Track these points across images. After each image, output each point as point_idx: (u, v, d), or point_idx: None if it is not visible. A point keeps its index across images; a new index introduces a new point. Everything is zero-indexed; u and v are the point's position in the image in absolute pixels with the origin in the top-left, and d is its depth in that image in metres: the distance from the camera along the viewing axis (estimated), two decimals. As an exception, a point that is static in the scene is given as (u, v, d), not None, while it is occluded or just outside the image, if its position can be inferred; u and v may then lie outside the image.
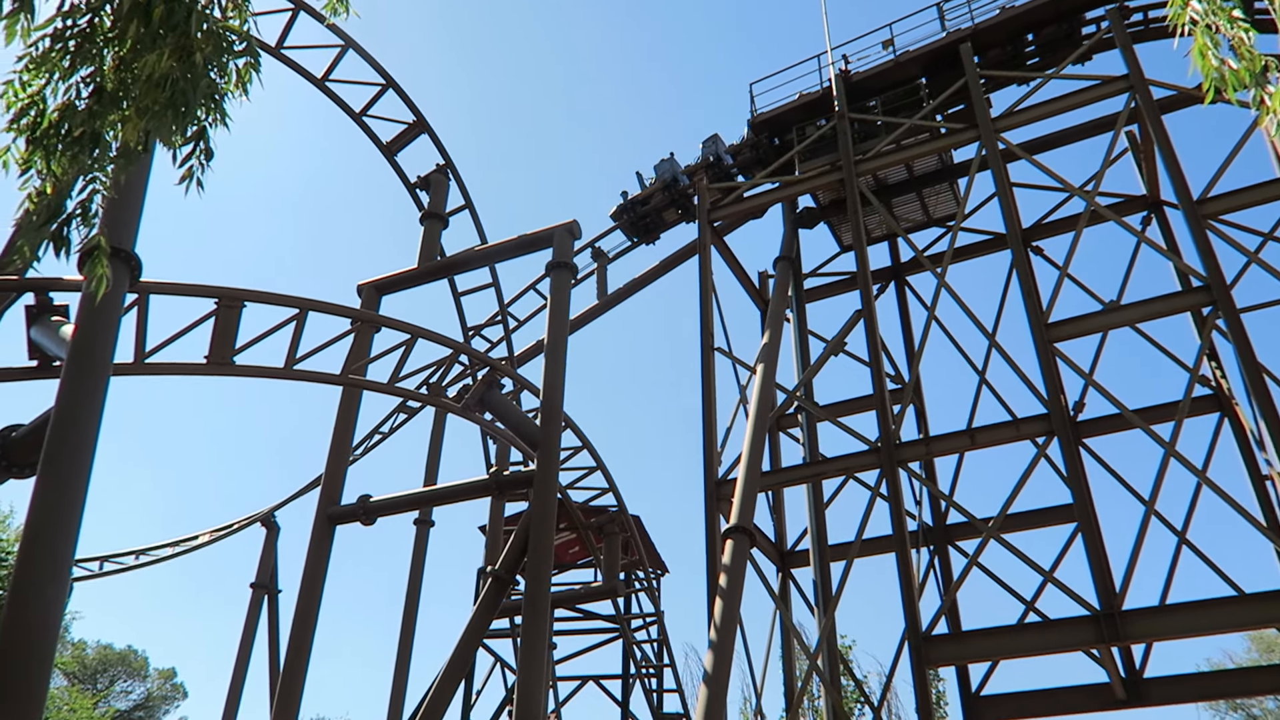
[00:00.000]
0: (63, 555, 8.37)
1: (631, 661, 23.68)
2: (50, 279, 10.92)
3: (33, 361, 10.89)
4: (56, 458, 8.64)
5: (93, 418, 8.99)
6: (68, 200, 4.07)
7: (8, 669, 7.63)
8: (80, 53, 4.06)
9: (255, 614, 22.73)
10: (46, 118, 4.07)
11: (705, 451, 16.42)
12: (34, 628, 7.86)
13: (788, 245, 19.05)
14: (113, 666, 47.46)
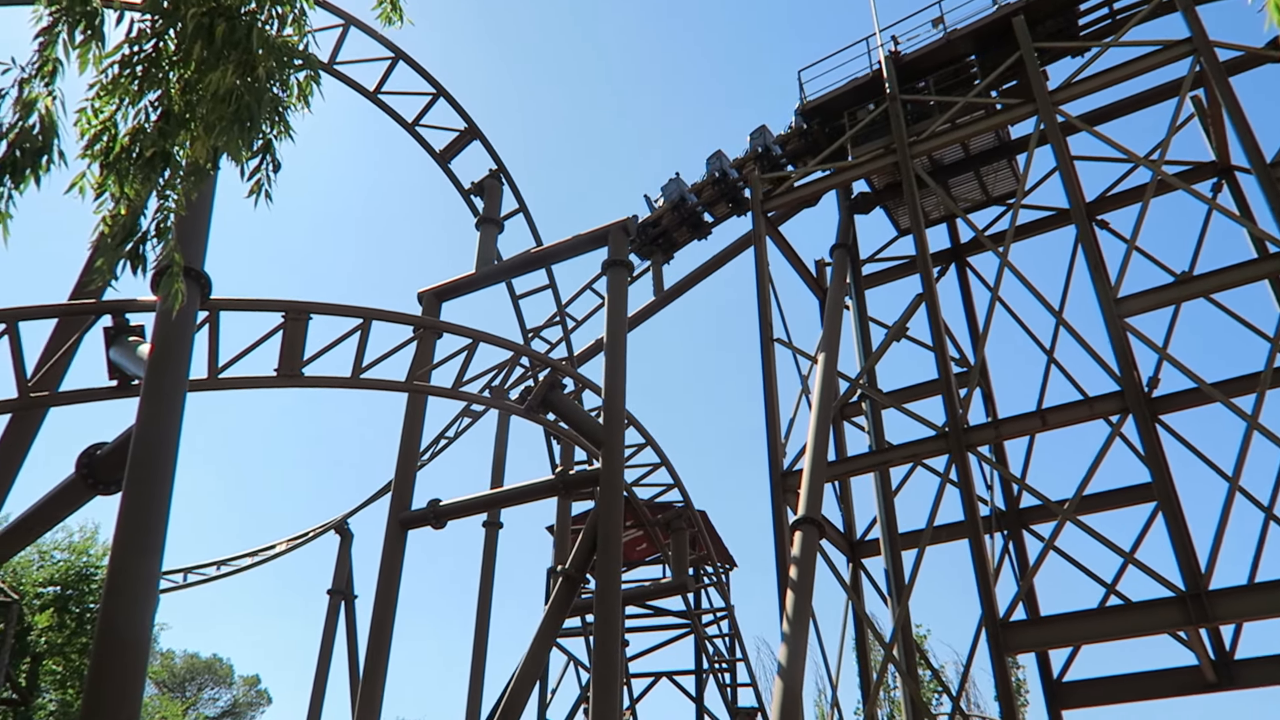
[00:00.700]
0: (150, 568, 8.65)
1: (704, 657, 23.65)
2: (125, 301, 11.28)
3: (113, 381, 11.24)
4: (140, 473, 8.93)
5: (172, 433, 9.27)
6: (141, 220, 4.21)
7: (105, 679, 7.92)
8: (147, 77, 4.19)
9: (334, 619, 23.22)
10: (118, 142, 4.21)
11: (769, 444, 16.33)
12: (127, 639, 8.13)
13: (844, 232, 18.84)
14: (200, 674, 48.94)
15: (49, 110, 4.02)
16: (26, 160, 3.88)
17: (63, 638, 19.62)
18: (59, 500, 11.64)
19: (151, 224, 4.14)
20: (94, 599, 20.44)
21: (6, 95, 3.98)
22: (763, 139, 21.58)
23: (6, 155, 3.88)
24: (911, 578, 14.52)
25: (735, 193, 22.18)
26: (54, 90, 4.02)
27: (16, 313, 10.42)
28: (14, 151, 3.88)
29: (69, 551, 20.82)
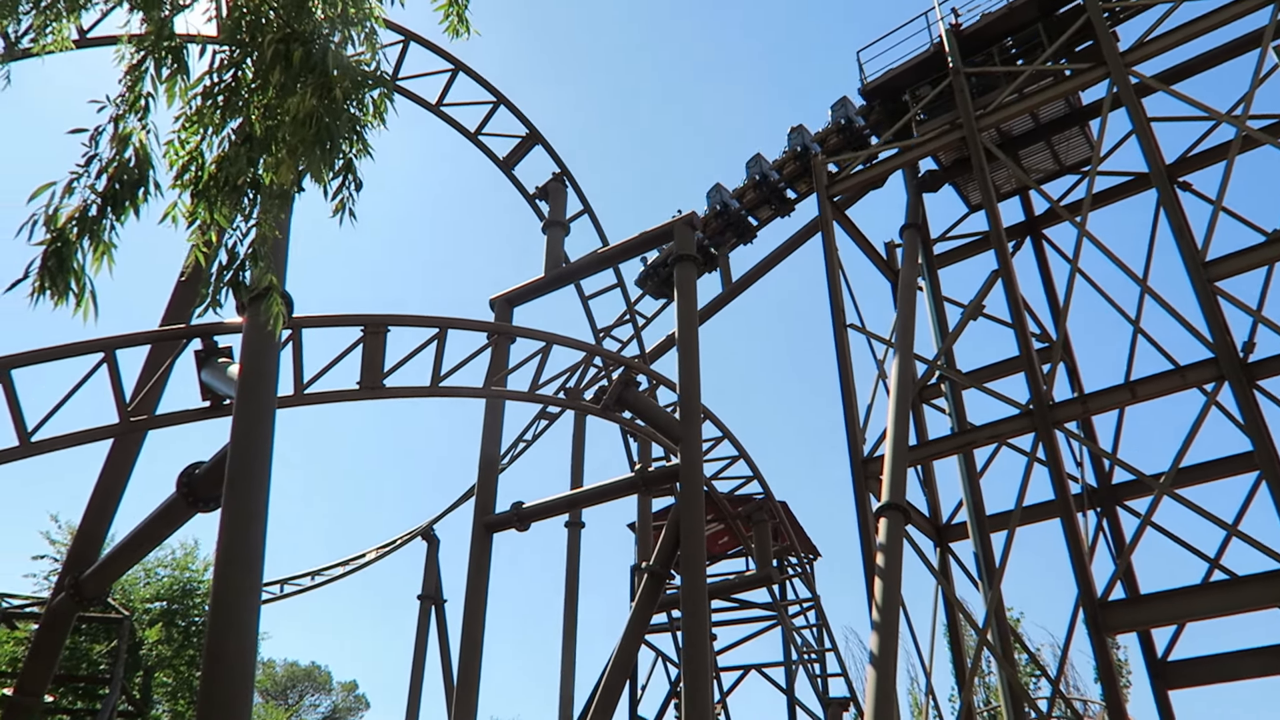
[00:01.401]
0: (253, 582, 8.96)
1: (792, 648, 23.52)
2: (213, 324, 11.68)
3: (205, 402, 11.65)
4: (237, 489, 9.25)
5: (265, 449, 9.57)
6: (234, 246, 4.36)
7: (216, 689, 8.23)
8: (229, 105, 4.34)
9: (425, 624, 23.71)
10: (206, 170, 4.37)
11: (848, 431, 16.14)
12: (235, 651, 8.43)
13: (913, 212, 18.52)
14: (300, 682, 50.42)
15: (143, 144, 4.19)
16: (125, 193, 4.06)
17: (171, 650, 20.39)
18: (162, 519, 12.11)
19: (246, 249, 4.29)
20: (198, 612, 21.19)
21: (104, 131, 4.17)
22: (845, 110, 21.34)
23: (107, 188, 4.06)
24: (1002, 560, 14.20)
25: (779, 194, 22.16)
26: (147, 124, 4.20)
27: (113, 341, 10.87)
28: (113, 185, 4.06)
29: (172, 568, 21.63)
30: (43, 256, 3.96)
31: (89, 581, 13.22)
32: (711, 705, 13.60)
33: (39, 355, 10.67)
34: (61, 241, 3.95)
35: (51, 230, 3.97)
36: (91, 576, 13.15)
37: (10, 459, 10.44)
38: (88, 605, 13.87)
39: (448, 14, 4.60)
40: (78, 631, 17.28)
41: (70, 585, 13.25)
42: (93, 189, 4.09)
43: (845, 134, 20.94)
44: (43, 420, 10.56)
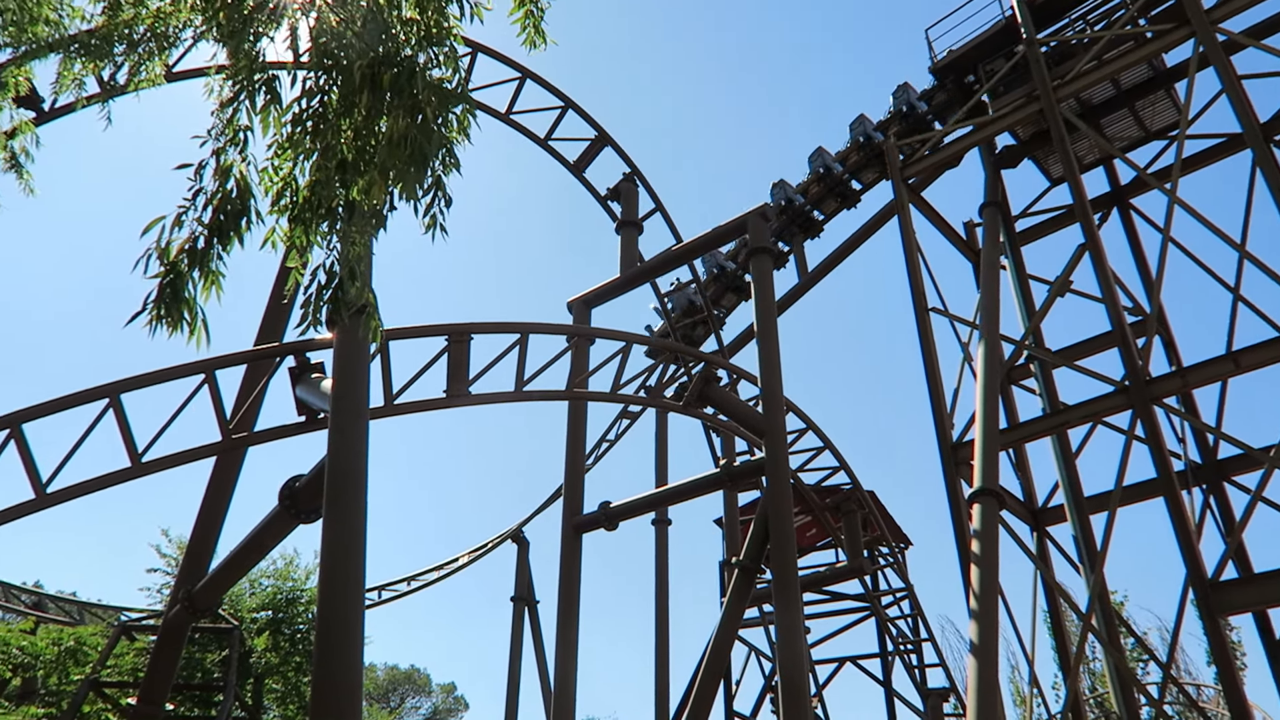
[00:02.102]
0: (356, 589, 9.22)
1: (887, 639, 23.18)
2: (305, 341, 12.04)
3: (301, 417, 12.03)
4: (336, 500, 9.52)
5: (361, 460, 9.84)
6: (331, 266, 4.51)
7: (329, 696, 8.50)
8: (317, 131, 4.49)
9: (519, 625, 24.06)
10: (300, 195, 4.53)
11: (935, 416, 15.86)
12: (343, 658, 8.68)
13: (991, 189, 18.07)
14: (401, 685, 51.70)
15: (243, 175, 4.37)
16: (230, 223, 4.25)
17: (279, 658, 21.08)
18: (267, 531, 12.54)
19: (343, 268, 4.44)
20: (302, 620, 21.87)
21: (206, 165, 4.36)
22: (906, 96, 21.11)
23: (213, 220, 4.25)
24: (1104, 543, 13.80)
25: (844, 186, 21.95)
26: (246, 155, 4.37)
27: (213, 362, 11.30)
28: (218, 216, 4.25)
29: (275, 578, 22.37)
30: (158, 289, 4.16)
31: (201, 594, 13.77)
32: (809, 699, 13.52)
33: (144, 379, 11.15)
34: (174, 274, 4.15)
35: (164, 263, 4.17)
36: (203, 589, 13.70)
37: (124, 479, 10.93)
38: (201, 616, 14.47)
39: (524, 27, 4.67)
40: (192, 642, 18.00)
41: (184, 598, 13.83)
42: (199, 221, 4.29)
43: (908, 120, 20.62)
44: (151, 441, 11.03)
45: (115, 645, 17.12)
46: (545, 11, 4.72)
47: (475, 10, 4.65)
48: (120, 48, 6.64)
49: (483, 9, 4.65)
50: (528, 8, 4.67)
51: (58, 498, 10.56)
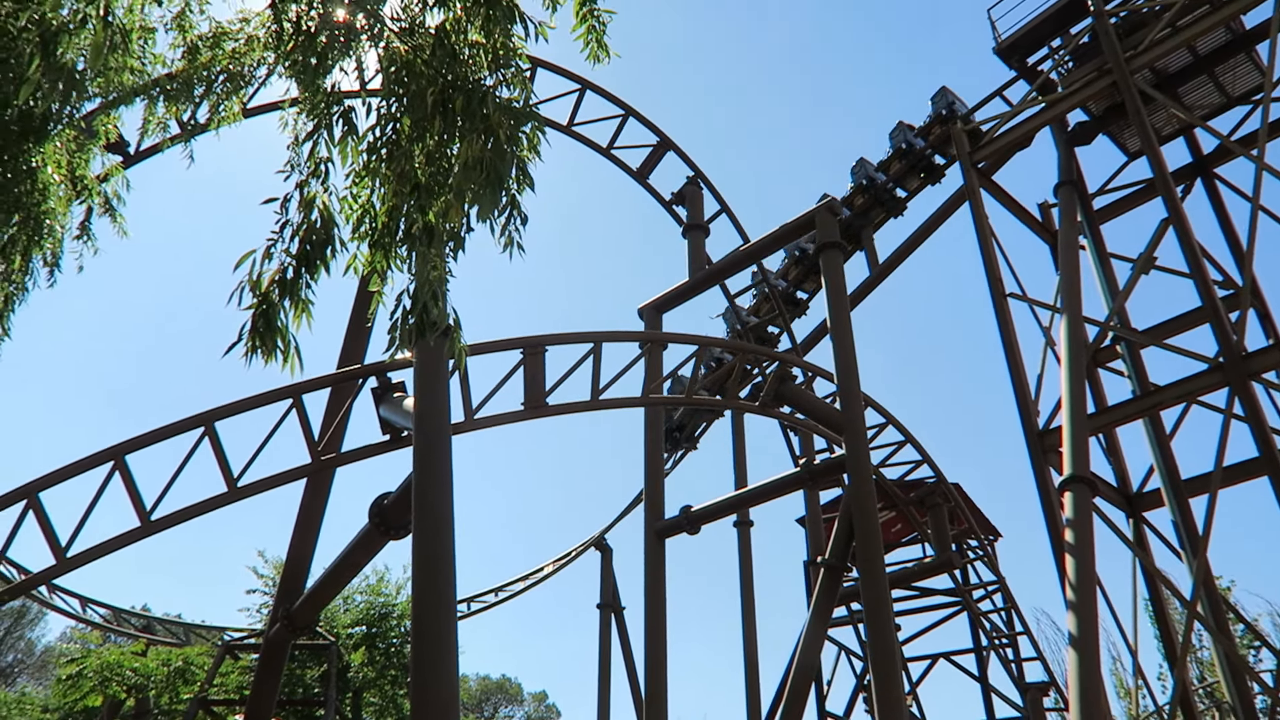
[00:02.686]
0: (447, 602, 9.40)
1: (981, 633, 22.68)
2: (385, 362, 12.32)
3: (386, 436, 12.30)
4: (424, 516, 9.72)
5: (446, 475, 10.02)
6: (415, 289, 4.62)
7: (427, 708, 8.67)
8: (393, 157, 4.60)
9: (607, 632, 24.16)
10: (379, 220, 4.65)
11: (1019, 404, 15.47)
12: (440, 671, 8.85)
13: (1066, 168, 17.57)
14: (493, 695, 52.40)
15: (325, 205, 4.52)
16: (316, 252, 4.39)
17: (375, 672, 21.59)
18: (359, 549, 12.87)
19: (424, 291, 4.54)
20: (395, 634, 22.36)
21: (291, 198, 4.52)
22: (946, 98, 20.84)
23: (300, 250, 4.40)
24: (1205, 526, 13.28)
25: (926, 161, 21.64)
26: (328, 186, 4.52)
27: (300, 387, 11.64)
28: (304, 246, 4.40)
29: (367, 593, 22.92)
30: (252, 319, 4.32)
31: (299, 612, 14.19)
32: (902, 697, 13.29)
33: (236, 407, 11.54)
34: (266, 304, 4.30)
35: (256, 295, 4.33)
36: (301, 607, 14.11)
37: (221, 504, 11.31)
38: (300, 634, 14.91)
39: (587, 42, 4.73)
40: (292, 659, 18.55)
41: (283, 616, 14.26)
42: (287, 252, 4.44)
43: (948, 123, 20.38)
44: (245, 466, 11.40)
45: (220, 664, 17.74)
46: (606, 26, 4.76)
47: (540, 30, 4.72)
48: (199, 89, 6.91)
49: (546, 28, 4.72)
50: (590, 23, 4.72)
51: (161, 525, 10.98)
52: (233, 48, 6.81)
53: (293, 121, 5.14)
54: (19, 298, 7.23)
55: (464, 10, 4.58)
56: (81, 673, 19.69)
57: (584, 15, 4.71)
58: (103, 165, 8.04)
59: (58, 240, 7.11)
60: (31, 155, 6.11)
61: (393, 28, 4.81)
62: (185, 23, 6.49)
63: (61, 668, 21.52)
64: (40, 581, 12.21)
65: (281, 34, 4.99)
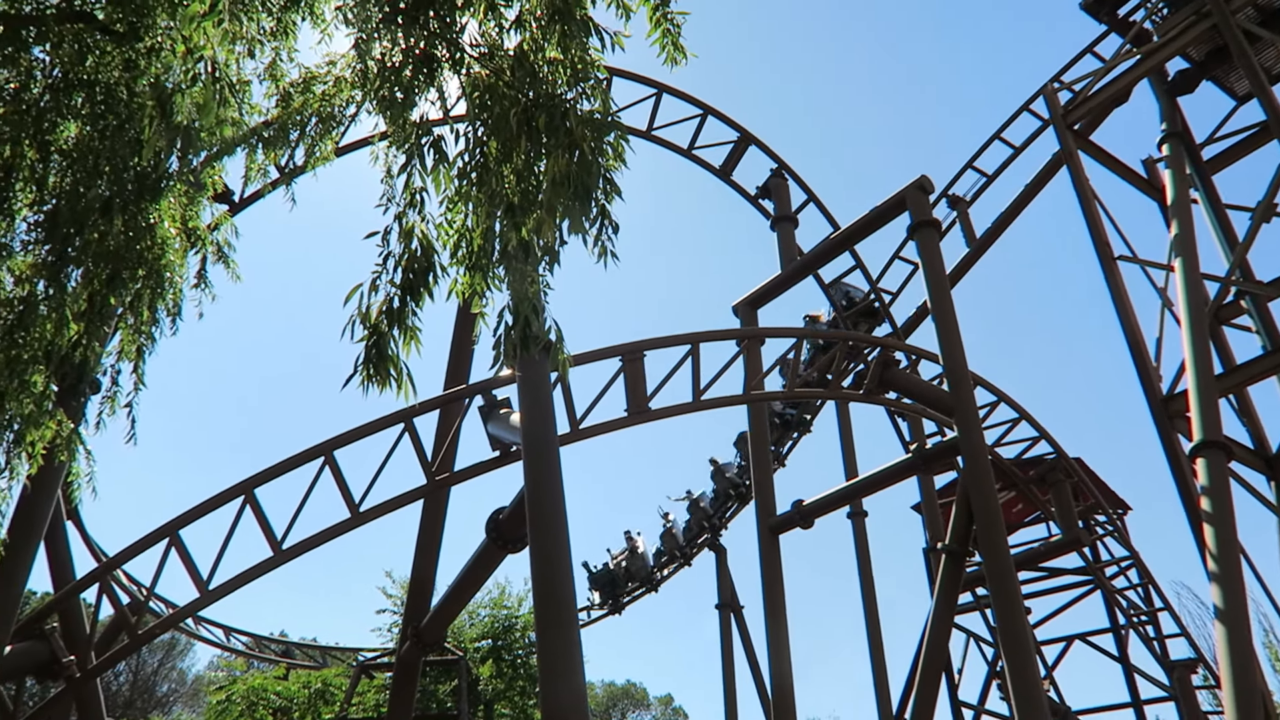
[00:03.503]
0: (569, 612, 9.53)
1: (1117, 612, 21.76)
2: (490, 380, 12.59)
3: (495, 452, 12.57)
4: (540, 529, 9.88)
5: (557, 486, 10.18)
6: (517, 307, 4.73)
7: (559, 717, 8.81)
8: (482, 180, 4.71)
9: (728, 632, 24.10)
10: (475, 243, 4.78)
11: (1139, 371, 14.82)
12: (567, 681, 8.99)
13: (1169, 119, 16.75)
14: (620, 700, 52.85)
15: (424, 234, 4.66)
16: (419, 280, 4.54)
17: (503, 684, 22.03)
18: (479, 564, 13.16)
19: (525, 308, 4.65)
20: (519, 645, 22.77)
21: (391, 230, 4.68)
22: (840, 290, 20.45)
23: (404, 280, 4.56)
24: (1360, 483, 12.46)
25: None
26: (424, 215, 4.66)
27: (410, 411, 11.98)
28: (408, 275, 4.55)
29: (491, 607, 23.42)
30: (365, 350, 4.49)
31: (427, 629, 14.59)
32: (1039, 681, 12.86)
33: (353, 435, 11.96)
34: (377, 335, 4.46)
35: (367, 326, 4.50)
36: (429, 624, 14.51)
37: (346, 530, 11.73)
38: (429, 650, 15.34)
39: (663, 46, 4.75)
40: (424, 675, 19.08)
41: (413, 634, 14.69)
42: (392, 283, 4.60)
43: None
44: (366, 491, 11.80)
45: (357, 684, 18.39)
46: (681, 28, 4.78)
47: (616, 39, 4.76)
48: (294, 134, 7.21)
49: (621, 37, 4.76)
50: (664, 26, 4.74)
51: (292, 553, 11.45)
52: (322, 91, 7.08)
53: (383, 155, 5.31)
54: (149, 348, 7.65)
55: (540, 29, 4.66)
56: (230, 698, 20.70)
57: (657, 20, 4.73)
58: (211, 215, 8.46)
59: (178, 290, 7.50)
60: (149, 212, 6.46)
61: (472, 54, 4.93)
62: (277, 71, 6.79)
63: (211, 695, 22.70)
64: (188, 614, 12.86)
65: (367, 72, 5.16)
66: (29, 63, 5.43)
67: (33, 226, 6.03)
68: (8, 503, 6.73)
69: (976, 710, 19.45)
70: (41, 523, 11.18)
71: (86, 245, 6.43)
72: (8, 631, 10.59)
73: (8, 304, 5.98)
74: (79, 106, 6.29)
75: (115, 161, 6.13)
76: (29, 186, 5.80)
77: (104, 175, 6.36)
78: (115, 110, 5.95)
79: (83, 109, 6.27)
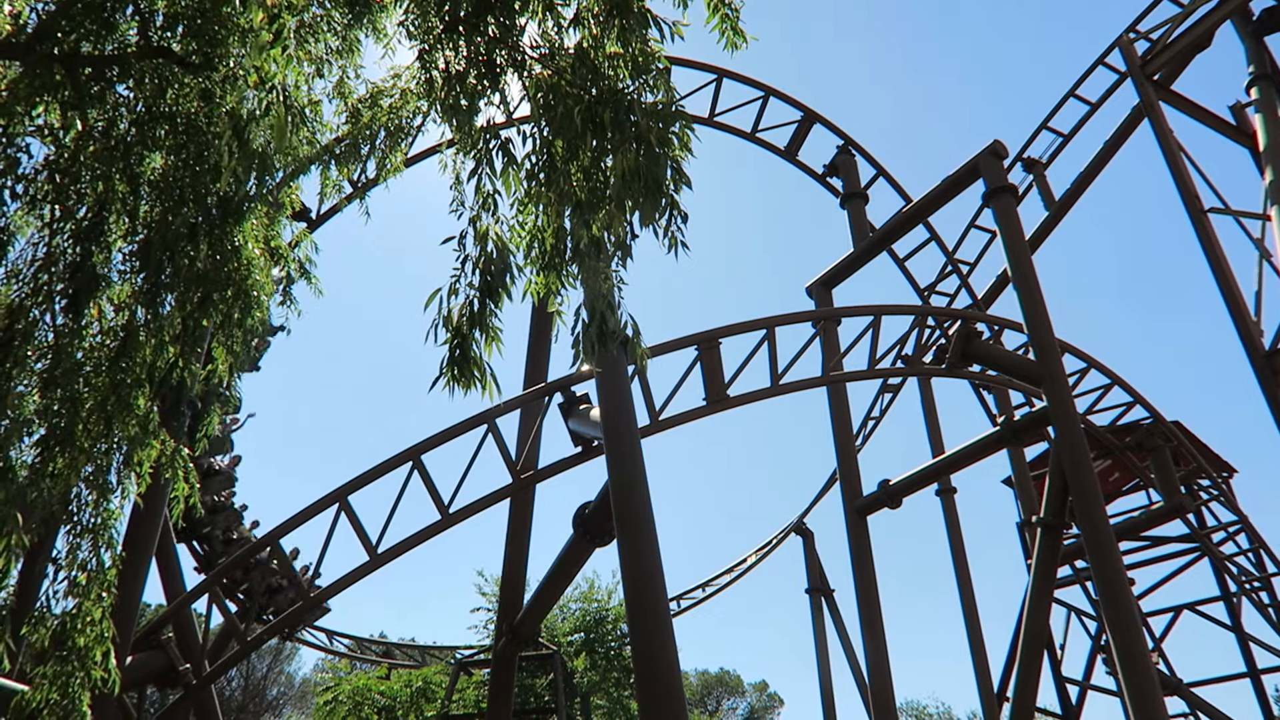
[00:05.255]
0: (661, 603, 9.58)
1: (1228, 578, 20.92)
2: (568, 377, 12.69)
3: (578, 448, 12.68)
4: (626, 521, 9.94)
5: (641, 478, 10.22)
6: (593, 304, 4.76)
7: (655, 708, 8.87)
8: (551, 180, 4.75)
9: (820, 615, 23.93)
10: (546, 242, 4.82)
11: (1238, 327, 14.22)
12: (663, 670, 9.03)
13: (1257, 60, 15.98)
14: (714, 688, 52.94)
15: (498, 236, 4.72)
16: (497, 281, 4.61)
17: (598, 675, 22.25)
18: (569, 559, 13.31)
19: (600, 304, 4.68)
20: (612, 637, 22.95)
21: (467, 234, 4.75)
22: None
23: (482, 283, 4.63)
24: None
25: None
26: (498, 217, 4.73)
27: (493, 412, 12.16)
28: (486, 277, 4.62)
29: (581, 600, 23.67)
30: (449, 353, 4.58)
31: (521, 625, 14.82)
32: (1147, 654, 12.45)
33: (439, 438, 12.18)
34: (459, 337, 4.54)
35: (449, 329, 4.59)
36: (523, 620, 14.73)
37: (437, 532, 11.96)
38: (524, 646, 15.57)
39: (723, 31, 4.71)
40: (520, 670, 19.39)
41: (508, 631, 14.93)
42: (471, 285, 4.68)
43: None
44: (454, 492, 12.01)
45: (456, 681, 18.78)
46: (739, 11, 4.73)
47: (675, 29, 4.75)
48: (365, 148, 7.37)
49: (680, 26, 4.74)
50: (723, 12, 4.70)
51: (388, 556, 11.73)
52: (389, 104, 7.22)
53: (452, 162, 5.39)
54: (241, 367, 7.90)
55: (598, 25, 4.67)
56: (337, 699, 21.35)
57: (715, 5, 4.69)
58: (291, 233, 8.69)
59: (265, 309, 7.73)
60: (234, 235, 6.68)
61: (533, 55, 4.97)
62: (344, 89, 6.94)
63: (318, 696, 23.46)
64: (293, 620, 13.30)
65: (431, 82, 5.24)
66: (115, 100, 5.65)
67: (128, 256, 6.28)
68: (121, 521, 7.04)
69: (1082, 686, 18.93)
70: (153, 538, 11.66)
71: (178, 271, 6.68)
72: (128, 642, 11.08)
73: (110, 332, 6.24)
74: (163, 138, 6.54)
75: (198, 189, 6.36)
76: (121, 218, 6.04)
77: (189, 203, 6.60)
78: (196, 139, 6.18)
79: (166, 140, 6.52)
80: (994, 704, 18.56)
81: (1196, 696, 18.32)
